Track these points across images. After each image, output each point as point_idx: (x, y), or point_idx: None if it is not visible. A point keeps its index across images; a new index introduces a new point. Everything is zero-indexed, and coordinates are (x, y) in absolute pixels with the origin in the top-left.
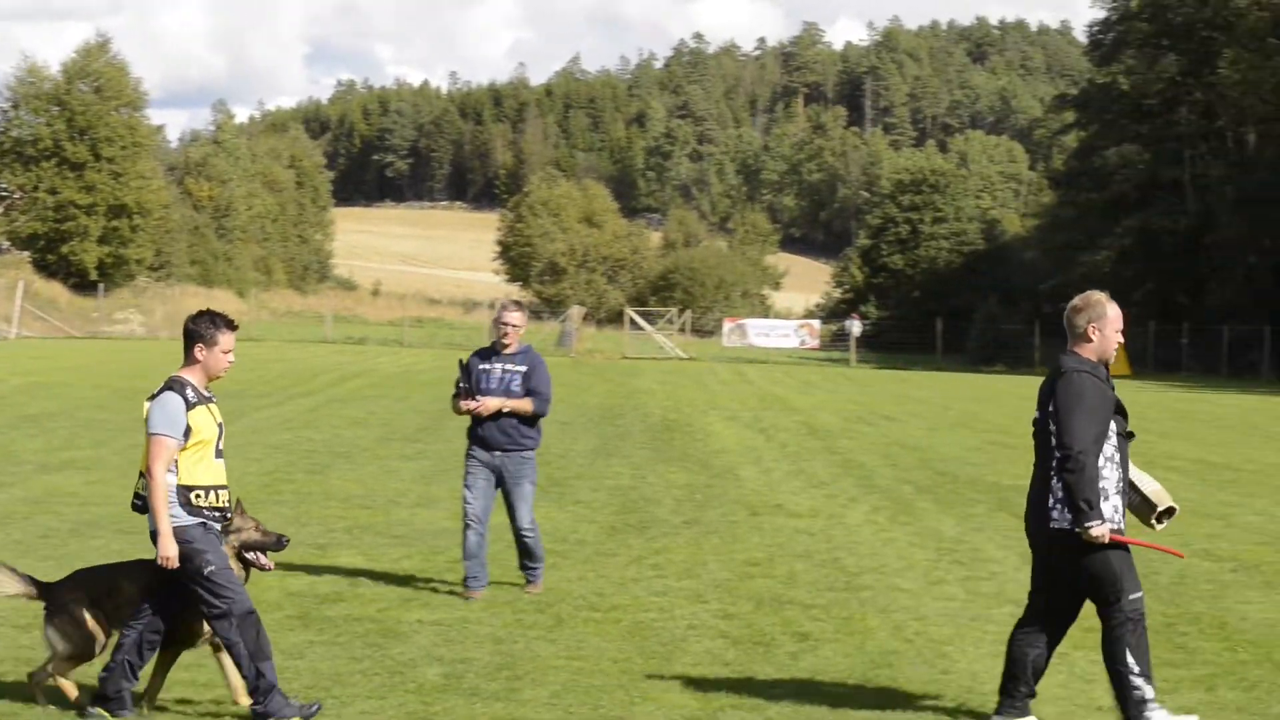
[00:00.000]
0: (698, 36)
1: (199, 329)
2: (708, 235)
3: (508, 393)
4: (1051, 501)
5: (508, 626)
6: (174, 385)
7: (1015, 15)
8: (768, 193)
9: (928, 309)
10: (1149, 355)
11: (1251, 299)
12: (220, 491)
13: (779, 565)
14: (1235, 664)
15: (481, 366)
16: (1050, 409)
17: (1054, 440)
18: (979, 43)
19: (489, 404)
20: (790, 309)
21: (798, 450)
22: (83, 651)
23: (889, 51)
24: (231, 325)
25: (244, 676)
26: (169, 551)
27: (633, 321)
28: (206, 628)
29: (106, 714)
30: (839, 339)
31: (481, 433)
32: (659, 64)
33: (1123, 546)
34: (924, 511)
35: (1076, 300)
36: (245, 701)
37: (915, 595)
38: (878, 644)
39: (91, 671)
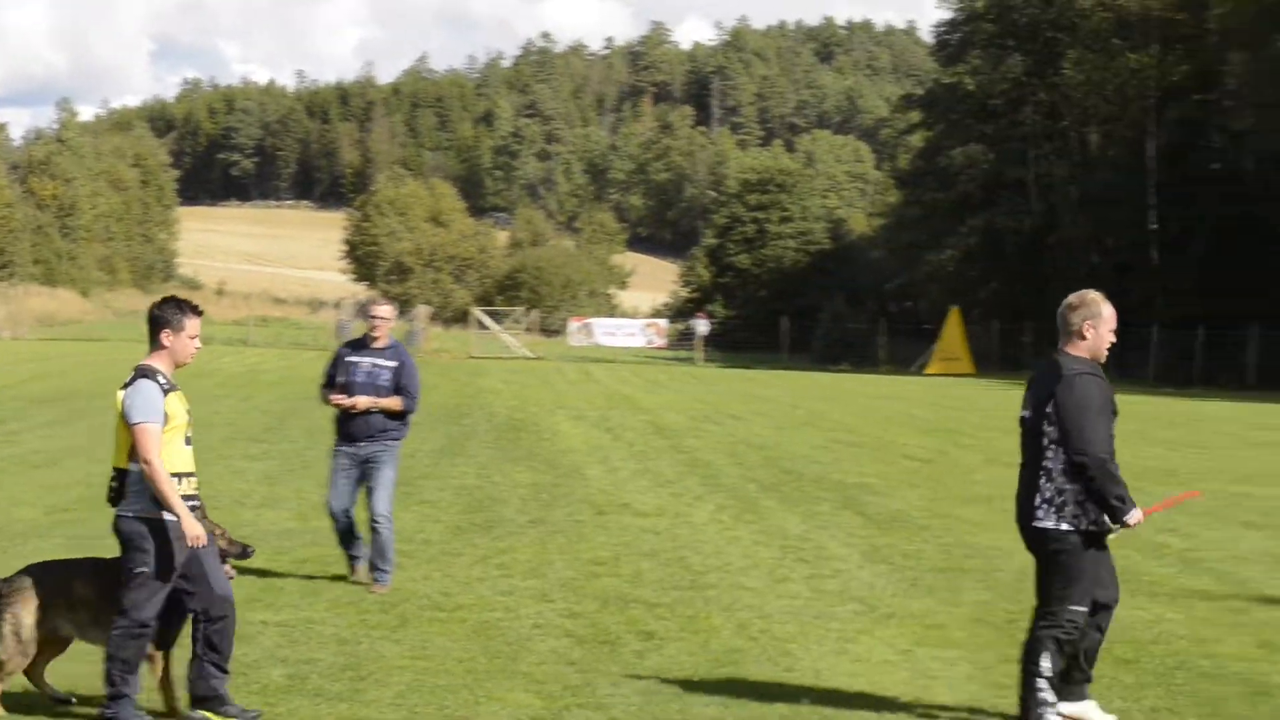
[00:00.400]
0: (545, 36)
1: (165, 315)
2: (555, 234)
3: (375, 388)
4: (1038, 500)
5: (352, 627)
6: (146, 372)
7: (862, 15)
8: (615, 192)
9: (774, 308)
10: (993, 354)
11: None
12: (190, 479)
13: (625, 564)
14: None
15: (349, 358)
16: (1047, 410)
17: (1045, 440)
18: (826, 43)
19: (360, 403)
20: (637, 308)
21: (644, 449)
22: (16, 652)
23: (736, 51)
24: (197, 311)
25: (106, 672)
26: (196, 530)
27: (479, 321)
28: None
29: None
30: (685, 338)
31: (349, 428)
32: (507, 63)
33: (1095, 557)
34: (769, 510)
35: (1072, 298)
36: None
37: (760, 593)
38: (722, 642)
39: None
